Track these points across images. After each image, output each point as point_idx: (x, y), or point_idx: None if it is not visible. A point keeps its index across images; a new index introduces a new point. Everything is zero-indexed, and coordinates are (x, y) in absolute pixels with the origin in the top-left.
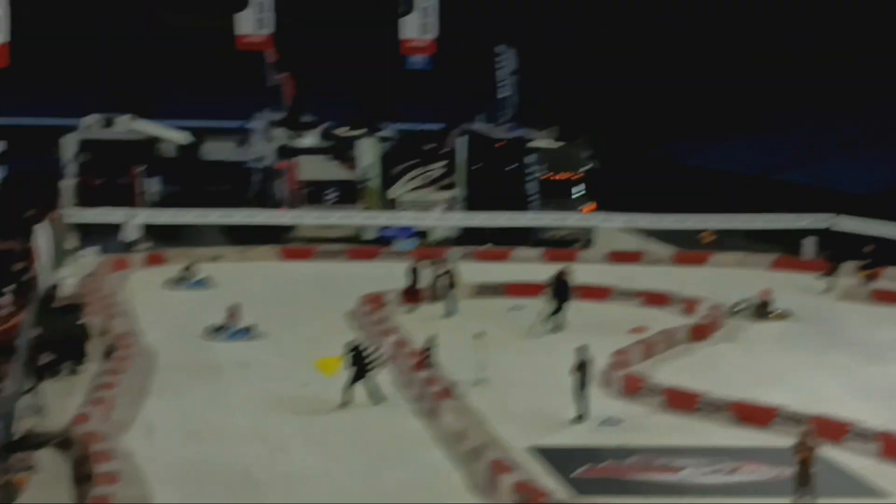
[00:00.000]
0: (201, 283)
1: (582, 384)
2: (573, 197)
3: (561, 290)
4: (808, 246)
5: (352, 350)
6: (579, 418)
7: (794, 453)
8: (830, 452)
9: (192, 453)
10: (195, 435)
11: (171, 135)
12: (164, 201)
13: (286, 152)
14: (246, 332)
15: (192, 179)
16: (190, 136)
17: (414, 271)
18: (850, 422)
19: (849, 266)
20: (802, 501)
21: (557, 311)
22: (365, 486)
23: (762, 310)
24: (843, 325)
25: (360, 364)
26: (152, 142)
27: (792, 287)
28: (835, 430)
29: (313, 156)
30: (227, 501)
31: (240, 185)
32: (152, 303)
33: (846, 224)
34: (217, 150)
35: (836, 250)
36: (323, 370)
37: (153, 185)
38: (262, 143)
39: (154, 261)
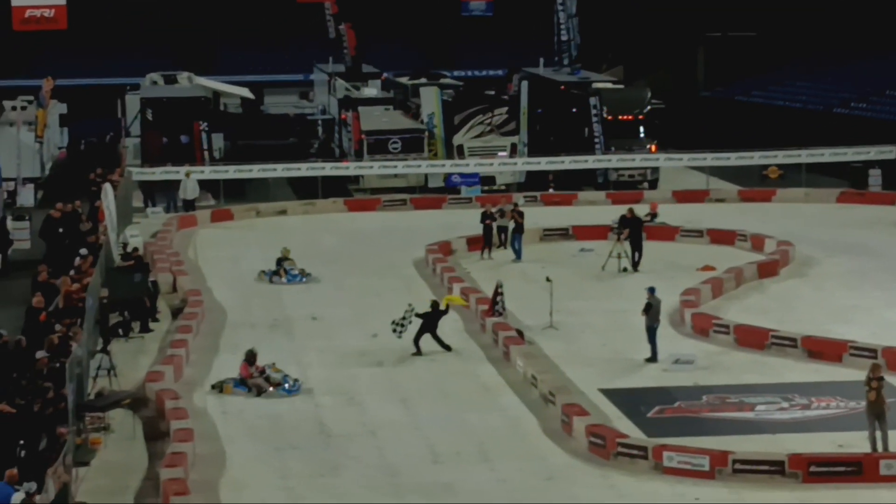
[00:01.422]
0: (298, 277)
1: (651, 325)
2: (637, 137)
3: (633, 232)
4: (874, 178)
5: (431, 308)
6: (651, 359)
7: (865, 386)
8: None
9: (265, 408)
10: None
11: (234, 90)
12: (229, 157)
13: (349, 103)
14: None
15: (255, 134)
16: (252, 90)
17: (483, 218)
18: None
19: None
20: (877, 434)
21: (633, 252)
22: (442, 434)
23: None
24: None
25: (435, 316)
26: (215, 98)
27: (859, 220)
28: None
29: (376, 106)
30: (306, 454)
31: (303, 138)
32: (220, 259)
33: None
34: (280, 104)
35: None
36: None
37: (217, 142)
38: (324, 95)
39: (221, 217)
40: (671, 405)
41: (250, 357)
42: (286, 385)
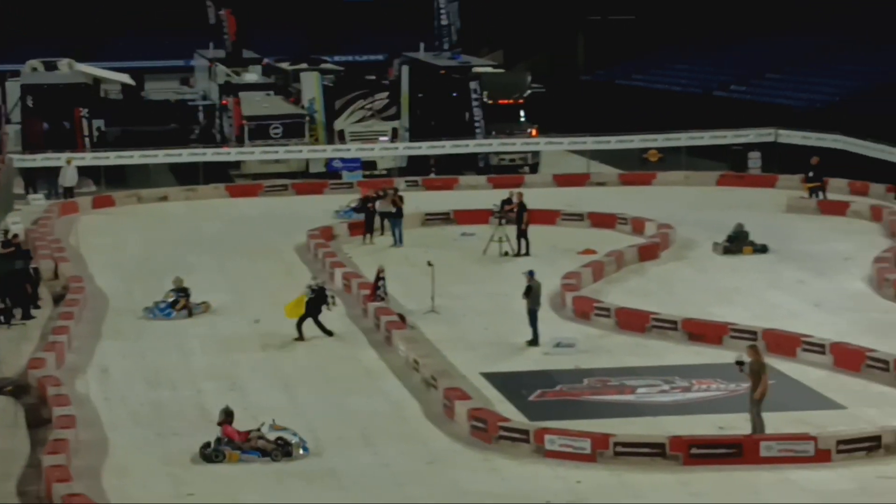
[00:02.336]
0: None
1: (532, 308)
2: (517, 122)
3: (518, 215)
4: (753, 161)
5: (314, 291)
6: (532, 342)
7: (743, 370)
8: (785, 366)
9: (148, 395)
10: (151, 376)
11: (114, 76)
12: (110, 143)
13: (229, 89)
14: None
15: (136, 120)
16: (132, 77)
17: (362, 202)
18: (803, 335)
19: (794, 179)
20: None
21: (518, 235)
22: (325, 419)
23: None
24: (791, 239)
25: (317, 304)
26: (95, 84)
27: (739, 203)
28: (788, 343)
29: (257, 91)
30: (189, 440)
31: (184, 124)
32: (101, 246)
33: (789, 137)
34: (160, 90)
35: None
36: (290, 313)
37: (97, 128)
38: (205, 81)
39: (102, 203)
40: (553, 388)
41: (230, 417)
42: (304, 444)
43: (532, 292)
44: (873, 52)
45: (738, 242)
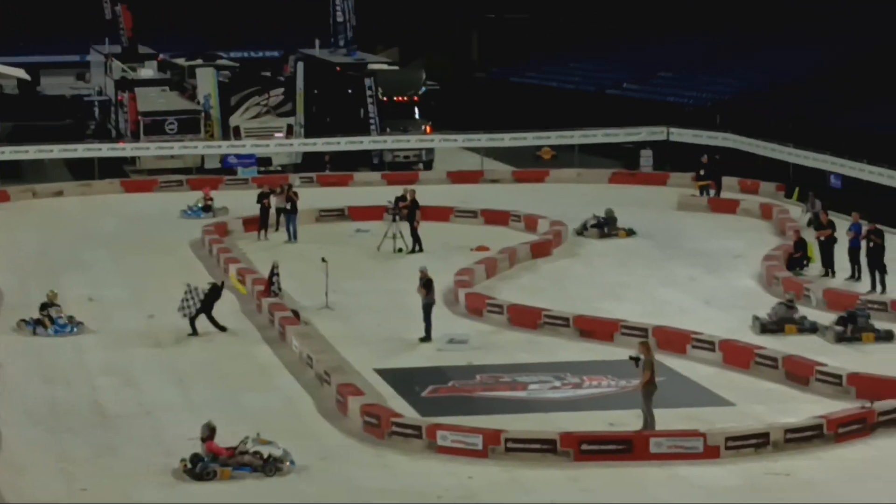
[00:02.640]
0: (66, 327)
1: (427, 303)
2: (412, 118)
3: (410, 212)
4: (645, 159)
5: (211, 288)
6: (425, 338)
7: (638, 365)
8: (675, 363)
9: (43, 391)
10: (46, 373)
11: (9, 71)
12: (4, 138)
13: (125, 84)
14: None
15: (31, 115)
16: (28, 71)
17: (259, 198)
18: (693, 331)
19: (685, 177)
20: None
21: (411, 232)
22: (219, 414)
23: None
24: (682, 237)
25: (212, 297)
26: None
27: (630, 200)
28: (678, 340)
29: (152, 87)
30: (83, 436)
31: (80, 119)
32: None
33: (681, 136)
34: (56, 85)
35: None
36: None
37: None
38: (100, 77)
39: None
40: (445, 384)
41: (212, 433)
42: (290, 456)
43: (426, 286)
44: (763, 52)
45: (611, 226)
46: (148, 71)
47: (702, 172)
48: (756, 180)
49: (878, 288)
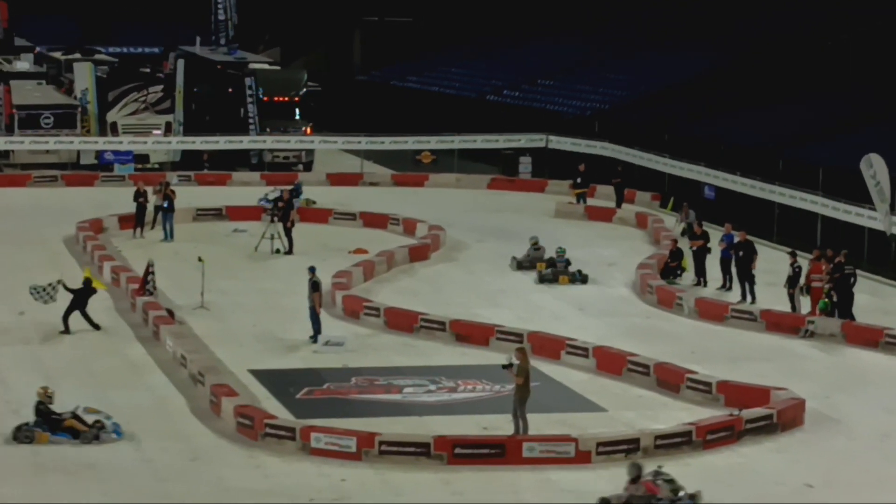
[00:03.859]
0: None
1: (313, 305)
2: (292, 119)
3: (284, 212)
4: (524, 165)
5: (84, 284)
6: (314, 338)
7: (512, 371)
8: (549, 368)
9: None
10: None
11: None
12: None
13: (0, 77)
14: None
15: None
16: None
17: (136, 196)
18: (567, 338)
19: (562, 184)
20: (518, 417)
21: (284, 233)
22: None
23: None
24: (558, 244)
25: (84, 294)
26: None
27: (509, 206)
28: (552, 345)
29: (28, 80)
30: None
31: None
32: None
33: (559, 143)
34: None
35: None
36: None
37: None
38: None
39: None
40: (320, 387)
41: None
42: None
43: (317, 287)
44: (642, 61)
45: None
46: (24, 63)
47: (578, 180)
48: (632, 189)
49: (748, 298)
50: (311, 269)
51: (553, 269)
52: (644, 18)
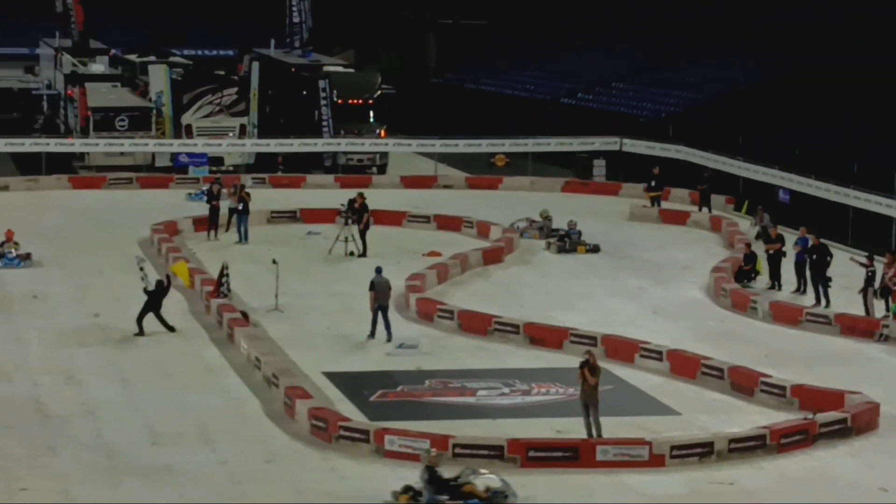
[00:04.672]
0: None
1: (378, 306)
2: (366, 122)
3: (358, 216)
4: (598, 168)
5: (157, 286)
6: (371, 336)
7: (579, 375)
8: (623, 371)
9: None
10: None
11: None
12: None
13: (75, 79)
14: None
15: None
16: None
17: (209, 198)
18: (641, 341)
19: (636, 188)
20: (589, 420)
21: (358, 236)
22: (163, 415)
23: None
24: (632, 247)
25: (158, 296)
26: None
27: (583, 210)
28: (626, 349)
29: (103, 83)
30: (23, 434)
31: (28, 113)
32: None
33: (634, 147)
34: (4, 78)
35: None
36: (180, 274)
37: None
38: (50, 70)
39: None
40: (394, 389)
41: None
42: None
43: (377, 288)
44: (716, 64)
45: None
46: (99, 66)
47: (653, 184)
48: (696, 191)
49: (823, 301)
50: (377, 270)
51: (569, 241)
52: (719, 21)
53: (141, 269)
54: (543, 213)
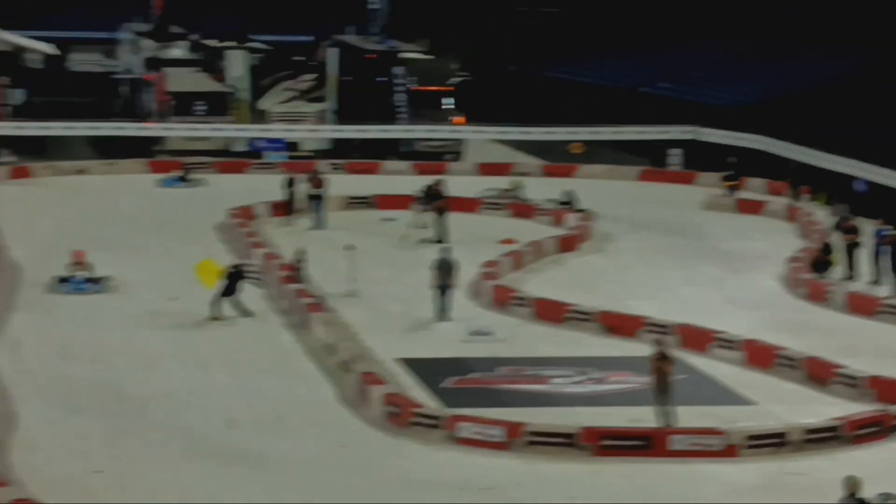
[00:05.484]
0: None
1: (442, 286)
2: (443, 109)
3: (435, 203)
4: (674, 157)
5: (233, 268)
6: (437, 317)
7: (650, 363)
8: (697, 361)
9: (60, 369)
10: (63, 351)
11: (37, 45)
12: (30, 113)
13: (154, 63)
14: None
15: (58, 90)
16: (56, 46)
17: (288, 184)
18: (716, 330)
19: (712, 177)
20: (662, 409)
21: (436, 223)
22: (239, 399)
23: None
24: (708, 236)
25: (234, 280)
26: (17, 52)
27: (659, 198)
28: (701, 338)
29: (182, 67)
30: (101, 417)
31: (107, 97)
32: (17, 217)
33: (710, 136)
34: (84, 61)
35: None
36: (203, 277)
37: (18, 97)
38: (129, 55)
39: (19, 174)
40: (467, 376)
41: None
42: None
43: (441, 267)
44: (795, 56)
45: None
46: (178, 51)
47: (730, 173)
48: (783, 182)
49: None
50: (443, 250)
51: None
52: (801, 16)
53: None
54: (515, 183)
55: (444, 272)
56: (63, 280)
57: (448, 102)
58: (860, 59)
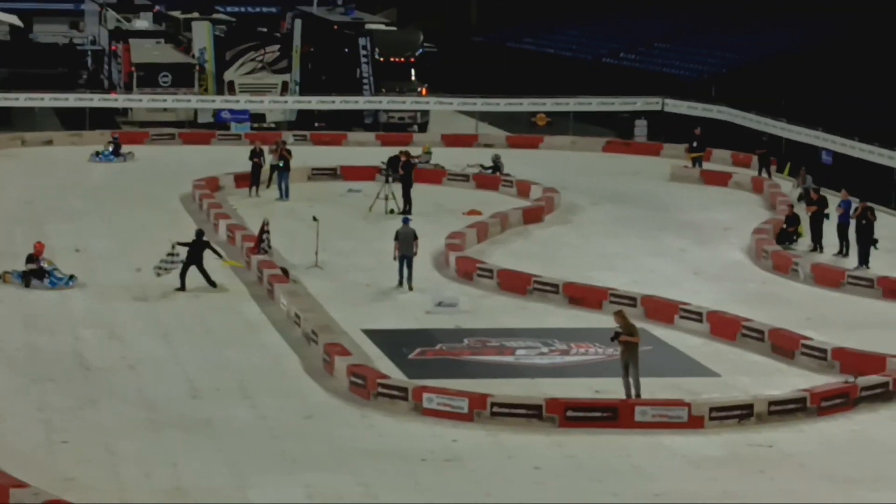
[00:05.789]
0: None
1: (404, 256)
2: (408, 80)
3: (403, 174)
4: (639, 129)
5: (196, 237)
6: (399, 286)
7: (614, 336)
8: (662, 332)
9: (25, 339)
10: (29, 321)
11: (3, 17)
12: None
13: (120, 35)
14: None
15: (23, 62)
16: (21, 18)
17: (251, 155)
18: (681, 302)
19: (678, 148)
20: (629, 381)
21: (400, 193)
22: (203, 370)
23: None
24: (674, 208)
25: (198, 250)
26: None
27: (624, 170)
28: (666, 310)
29: (147, 39)
30: (65, 386)
31: (72, 68)
32: None
33: (675, 107)
34: (49, 33)
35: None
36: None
37: None
38: (95, 26)
39: None
40: (433, 347)
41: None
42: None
43: (400, 237)
44: (759, 25)
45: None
46: (143, 22)
47: (694, 144)
48: (748, 154)
49: (865, 264)
50: (404, 220)
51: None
52: None
53: (169, 255)
54: (494, 158)
55: (406, 243)
56: (35, 274)
57: (413, 74)
58: (826, 30)
